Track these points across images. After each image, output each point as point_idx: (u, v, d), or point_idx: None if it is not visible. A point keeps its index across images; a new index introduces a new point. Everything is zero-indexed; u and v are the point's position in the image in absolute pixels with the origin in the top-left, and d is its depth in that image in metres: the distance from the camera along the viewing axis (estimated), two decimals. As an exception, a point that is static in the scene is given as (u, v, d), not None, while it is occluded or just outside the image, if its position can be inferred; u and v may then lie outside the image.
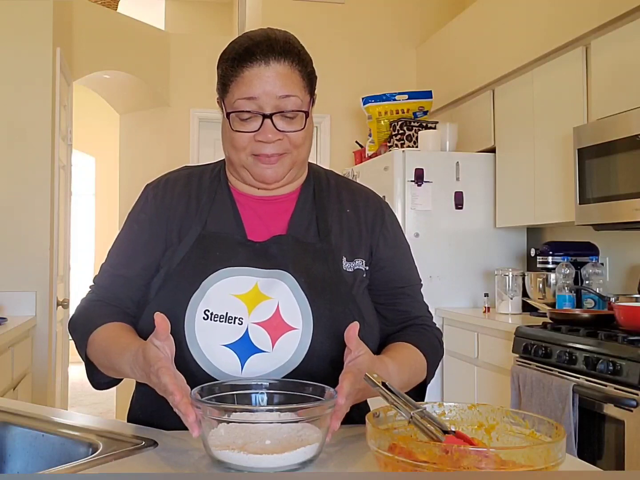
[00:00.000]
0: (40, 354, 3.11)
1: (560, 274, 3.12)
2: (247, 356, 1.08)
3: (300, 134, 1.15)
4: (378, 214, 1.26)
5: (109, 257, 1.25)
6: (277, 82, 1.11)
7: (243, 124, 1.13)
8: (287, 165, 1.16)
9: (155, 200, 1.22)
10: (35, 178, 3.12)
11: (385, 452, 0.76)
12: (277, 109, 1.12)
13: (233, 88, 1.13)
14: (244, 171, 1.18)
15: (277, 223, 1.20)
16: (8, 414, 1.10)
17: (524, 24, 3.38)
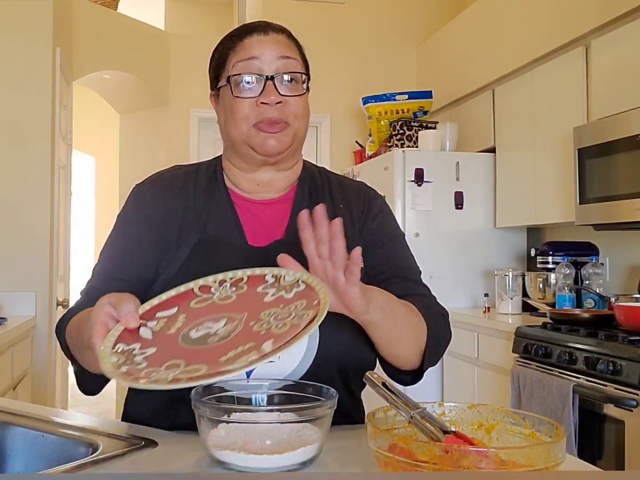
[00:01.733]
0: (40, 354, 3.11)
1: (560, 274, 3.12)
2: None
3: (300, 102, 1.14)
4: (366, 203, 1.24)
5: (102, 260, 1.19)
6: (277, 45, 1.13)
7: (244, 90, 1.11)
8: (289, 137, 1.13)
9: (152, 200, 1.18)
10: (35, 178, 3.12)
11: (385, 452, 0.76)
12: (277, 72, 1.11)
13: (231, 57, 1.13)
14: (245, 147, 1.14)
15: (276, 227, 1.17)
16: (8, 414, 1.10)
17: (524, 24, 3.38)
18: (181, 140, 4.53)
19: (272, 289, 0.84)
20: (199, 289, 0.89)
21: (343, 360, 1.09)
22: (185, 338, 0.84)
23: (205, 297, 0.88)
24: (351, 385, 1.14)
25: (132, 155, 4.80)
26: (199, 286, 0.90)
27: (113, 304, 0.88)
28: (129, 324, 0.84)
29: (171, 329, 0.86)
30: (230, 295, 0.87)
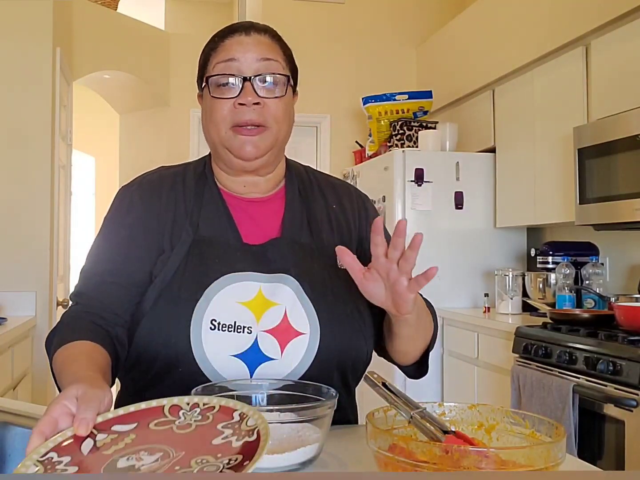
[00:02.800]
0: (40, 354, 3.10)
1: (560, 274, 3.12)
2: (256, 365, 1.05)
3: (280, 104, 1.12)
4: (361, 205, 1.25)
5: (91, 263, 1.15)
6: (258, 46, 1.11)
7: (222, 91, 1.11)
8: (268, 141, 1.11)
9: (142, 202, 1.15)
10: (35, 178, 3.12)
11: (385, 452, 0.76)
12: (257, 73, 1.10)
13: (213, 58, 1.13)
14: (224, 151, 1.13)
15: (270, 225, 1.16)
16: (8, 414, 1.09)
17: (524, 24, 3.38)
18: (181, 140, 4.53)
19: (229, 430, 0.76)
20: (169, 409, 0.84)
21: (342, 357, 1.10)
22: (110, 466, 0.75)
23: (168, 419, 0.83)
24: (348, 380, 1.15)
25: (132, 155, 4.80)
26: (171, 405, 0.84)
27: (79, 398, 0.80)
28: (78, 431, 0.76)
29: (111, 448, 0.78)
30: (191, 424, 0.81)
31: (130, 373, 1.13)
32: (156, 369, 1.07)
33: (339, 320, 1.10)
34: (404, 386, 3.34)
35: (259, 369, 1.05)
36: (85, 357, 0.97)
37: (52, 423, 0.77)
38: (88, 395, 0.80)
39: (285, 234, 1.15)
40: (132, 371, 1.12)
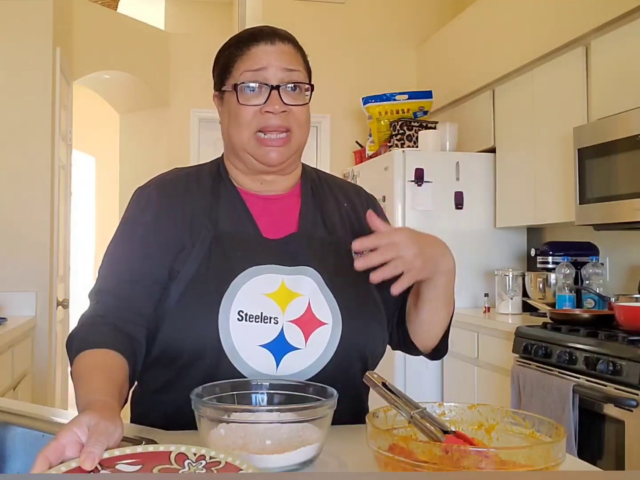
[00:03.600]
0: (40, 354, 3.11)
1: (560, 274, 3.12)
2: (282, 355, 1.08)
3: (304, 110, 1.17)
4: (370, 205, 1.29)
5: (110, 263, 1.16)
6: (283, 56, 1.15)
7: (249, 98, 1.14)
8: (292, 148, 1.16)
9: (159, 200, 1.17)
10: (35, 178, 3.12)
11: (385, 452, 0.76)
12: (282, 82, 1.14)
13: (238, 64, 1.15)
14: (245, 155, 1.16)
15: (288, 220, 1.19)
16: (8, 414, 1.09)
17: (524, 24, 3.38)
18: (181, 140, 4.53)
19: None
20: (175, 456, 0.82)
21: (363, 345, 1.13)
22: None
23: (172, 467, 0.82)
24: (368, 368, 1.17)
25: (132, 155, 4.81)
26: (178, 452, 0.83)
27: (90, 429, 0.79)
28: (84, 465, 0.75)
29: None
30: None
31: (151, 370, 1.13)
32: (182, 362, 1.08)
33: (359, 310, 1.14)
34: (404, 386, 3.35)
35: (284, 358, 1.07)
36: (103, 373, 0.97)
37: (59, 450, 0.76)
38: (100, 428, 0.79)
39: (302, 229, 1.18)
40: (153, 368, 1.13)
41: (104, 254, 1.18)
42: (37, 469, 0.74)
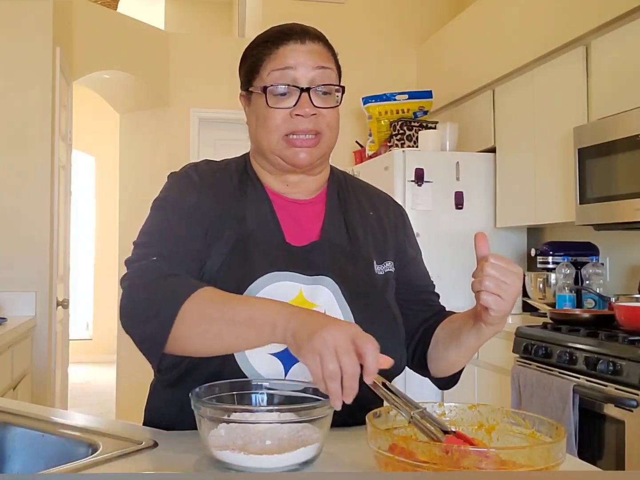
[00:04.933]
0: (40, 354, 3.10)
1: (560, 274, 3.12)
2: (291, 364, 1.06)
3: (334, 113, 1.14)
4: (399, 217, 1.27)
5: (146, 244, 1.11)
6: (313, 55, 1.13)
7: (278, 101, 1.11)
8: (321, 148, 1.14)
9: (202, 186, 1.15)
10: (35, 178, 3.12)
11: (385, 452, 0.76)
12: (312, 83, 1.11)
13: (266, 64, 1.12)
14: (274, 156, 1.14)
15: (312, 227, 1.18)
16: (8, 414, 1.10)
17: (524, 24, 3.38)
18: (181, 140, 4.53)
19: None
20: None
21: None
22: None
23: None
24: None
25: (132, 155, 4.80)
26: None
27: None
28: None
29: None
30: None
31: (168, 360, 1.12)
32: (191, 361, 1.07)
33: (374, 323, 1.10)
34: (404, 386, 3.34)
35: (293, 368, 1.06)
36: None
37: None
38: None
39: (324, 236, 1.16)
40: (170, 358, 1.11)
41: (140, 231, 1.13)
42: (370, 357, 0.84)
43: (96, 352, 7.31)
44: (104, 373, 6.58)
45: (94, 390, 6.06)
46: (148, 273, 1.04)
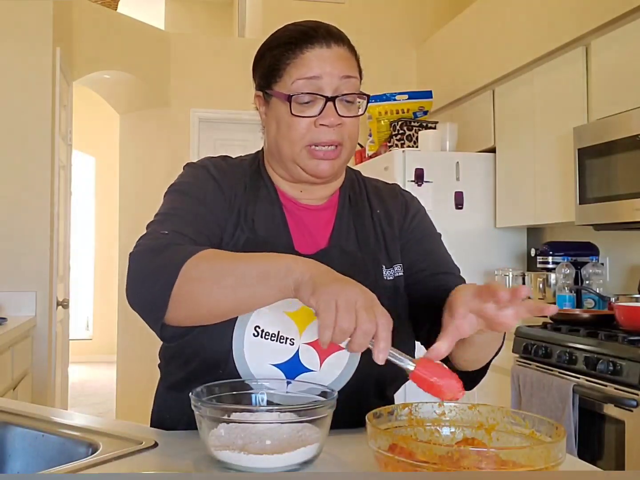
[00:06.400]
0: (40, 354, 3.10)
1: (560, 274, 3.12)
2: (294, 375, 1.04)
3: (356, 122, 1.12)
4: (403, 204, 1.23)
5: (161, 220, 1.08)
6: (339, 63, 1.09)
7: (302, 109, 1.08)
8: (342, 159, 1.12)
9: (217, 179, 1.13)
10: (35, 178, 3.12)
11: (385, 452, 0.76)
12: (337, 92, 1.09)
13: (290, 70, 1.09)
14: (294, 165, 1.12)
15: (321, 234, 1.16)
16: (8, 414, 1.09)
17: (524, 24, 3.38)
18: (181, 140, 4.53)
19: None
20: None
21: (382, 372, 1.08)
22: None
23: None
24: (385, 392, 1.14)
25: (132, 155, 4.80)
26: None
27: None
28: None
29: None
30: None
31: (171, 364, 1.13)
32: (195, 366, 1.07)
33: None
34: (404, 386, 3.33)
35: (296, 379, 1.04)
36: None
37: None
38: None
39: (332, 243, 1.14)
40: (172, 362, 1.12)
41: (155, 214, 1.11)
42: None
43: (96, 352, 7.32)
44: (104, 373, 6.58)
45: (94, 390, 6.06)
46: (155, 243, 1.01)
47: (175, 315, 0.96)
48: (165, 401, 1.16)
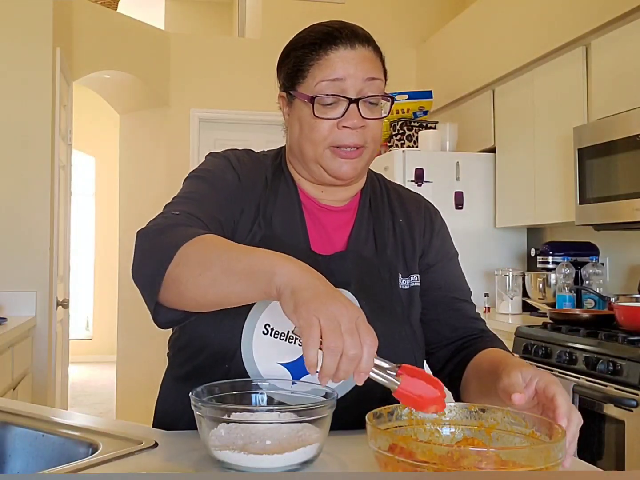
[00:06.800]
0: (40, 354, 3.10)
1: (560, 274, 3.12)
2: (301, 375, 1.04)
3: (379, 124, 1.11)
4: (427, 219, 1.23)
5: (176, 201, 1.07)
6: (363, 64, 1.08)
7: (325, 111, 1.08)
8: (364, 161, 1.11)
9: (239, 169, 1.12)
10: (35, 178, 3.12)
11: (385, 452, 0.76)
12: (361, 94, 1.08)
13: (314, 71, 1.08)
14: (316, 166, 1.11)
15: (339, 236, 1.15)
16: (8, 414, 1.09)
17: (524, 24, 3.38)
18: (181, 140, 4.53)
19: None
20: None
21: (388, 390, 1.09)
22: None
23: None
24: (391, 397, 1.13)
25: (132, 155, 4.80)
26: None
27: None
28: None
29: None
30: None
31: (179, 355, 1.12)
32: (202, 360, 1.07)
33: (393, 341, 1.07)
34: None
35: (302, 379, 1.04)
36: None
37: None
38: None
39: (350, 247, 1.13)
40: (180, 353, 1.12)
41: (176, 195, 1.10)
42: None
43: (96, 352, 7.32)
44: (104, 373, 6.58)
45: (94, 390, 6.06)
46: (163, 222, 0.99)
47: (166, 296, 0.94)
48: (170, 391, 1.16)
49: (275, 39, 4.84)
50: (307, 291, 0.81)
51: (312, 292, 0.81)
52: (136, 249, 0.98)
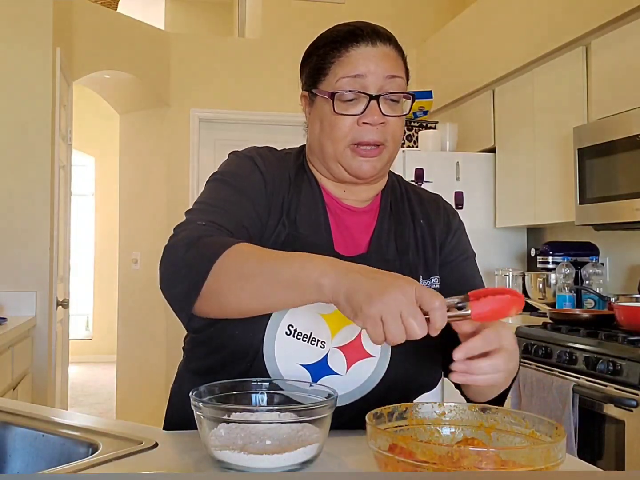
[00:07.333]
0: (40, 354, 3.10)
1: (560, 274, 3.12)
2: (320, 377, 1.04)
3: (400, 122, 1.11)
4: (445, 219, 1.22)
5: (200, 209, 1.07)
6: (384, 61, 1.09)
7: (346, 107, 1.08)
8: (385, 160, 1.11)
9: (264, 169, 1.11)
10: (35, 178, 3.12)
11: (385, 452, 0.76)
12: (382, 91, 1.08)
13: (335, 68, 1.08)
14: (336, 165, 1.11)
15: (360, 237, 1.15)
16: (8, 414, 1.09)
17: (524, 24, 3.38)
18: (181, 140, 4.53)
19: None
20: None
21: (408, 383, 1.08)
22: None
23: None
24: (409, 400, 1.13)
25: (132, 155, 4.80)
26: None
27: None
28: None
29: None
30: None
31: (199, 349, 1.12)
32: (224, 355, 1.06)
33: (412, 347, 1.04)
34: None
35: (321, 380, 1.04)
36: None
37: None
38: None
39: (372, 249, 1.13)
40: (200, 348, 1.11)
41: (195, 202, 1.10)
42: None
43: (96, 352, 7.32)
44: (104, 373, 6.59)
45: (94, 390, 6.06)
46: (190, 235, 0.99)
47: (203, 309, 0.97)
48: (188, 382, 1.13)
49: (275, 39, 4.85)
50: (358, 293, 0.84)
51: (364, 294, 0.84)
52: (164, 262, 0.99)
